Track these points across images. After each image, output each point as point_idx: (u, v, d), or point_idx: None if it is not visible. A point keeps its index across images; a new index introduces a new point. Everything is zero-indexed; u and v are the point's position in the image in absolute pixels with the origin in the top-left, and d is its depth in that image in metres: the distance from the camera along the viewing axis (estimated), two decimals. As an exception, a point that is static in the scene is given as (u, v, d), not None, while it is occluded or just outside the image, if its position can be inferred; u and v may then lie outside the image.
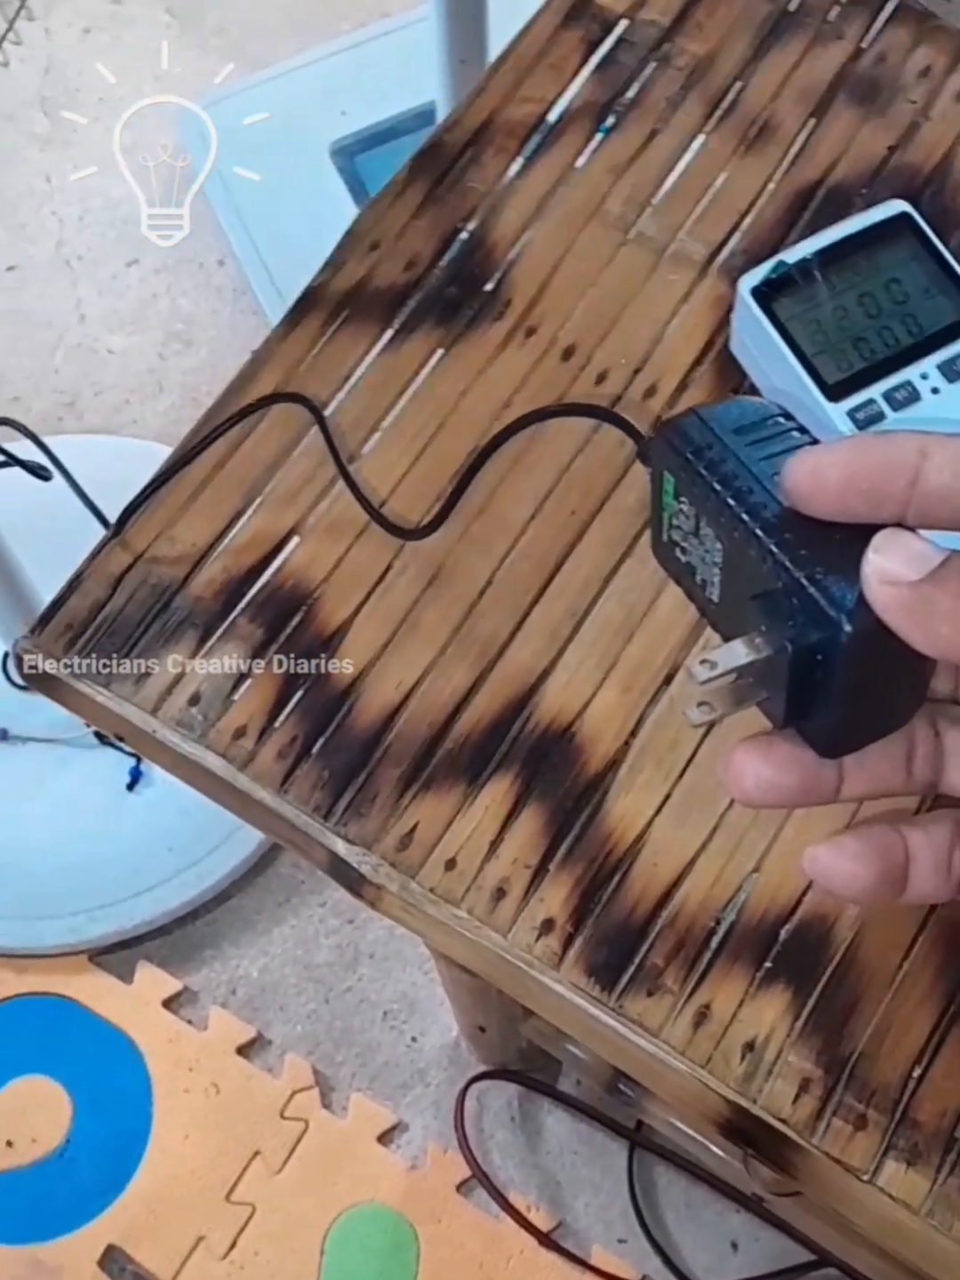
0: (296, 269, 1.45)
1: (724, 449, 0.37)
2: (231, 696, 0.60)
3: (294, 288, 0.68)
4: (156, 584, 0.62)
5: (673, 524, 0.40)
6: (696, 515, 0.38)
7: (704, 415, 0.39)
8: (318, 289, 0.68)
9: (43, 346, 1.55)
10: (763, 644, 0.36)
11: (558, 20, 0.72)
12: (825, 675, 0.35)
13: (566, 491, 0.64)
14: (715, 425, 0.38)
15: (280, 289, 1.46)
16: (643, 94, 0.70)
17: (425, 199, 0.69)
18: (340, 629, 0.62)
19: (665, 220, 0.68)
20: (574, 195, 0.68)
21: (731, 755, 0.38)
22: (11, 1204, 1.19)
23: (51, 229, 1.61)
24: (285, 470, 0.64)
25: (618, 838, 0.58)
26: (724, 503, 0.37)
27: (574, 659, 0.61)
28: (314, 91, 1.58)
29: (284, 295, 1.44)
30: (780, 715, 0.37)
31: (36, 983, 1.27)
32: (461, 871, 0.58)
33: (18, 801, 1.29)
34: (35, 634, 0.60)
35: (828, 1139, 0.55)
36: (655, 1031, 0.55)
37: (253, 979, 1.31)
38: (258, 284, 1.48)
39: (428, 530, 0.62)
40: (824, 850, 0.38)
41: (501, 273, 0.68)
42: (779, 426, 0.38)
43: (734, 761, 0.38)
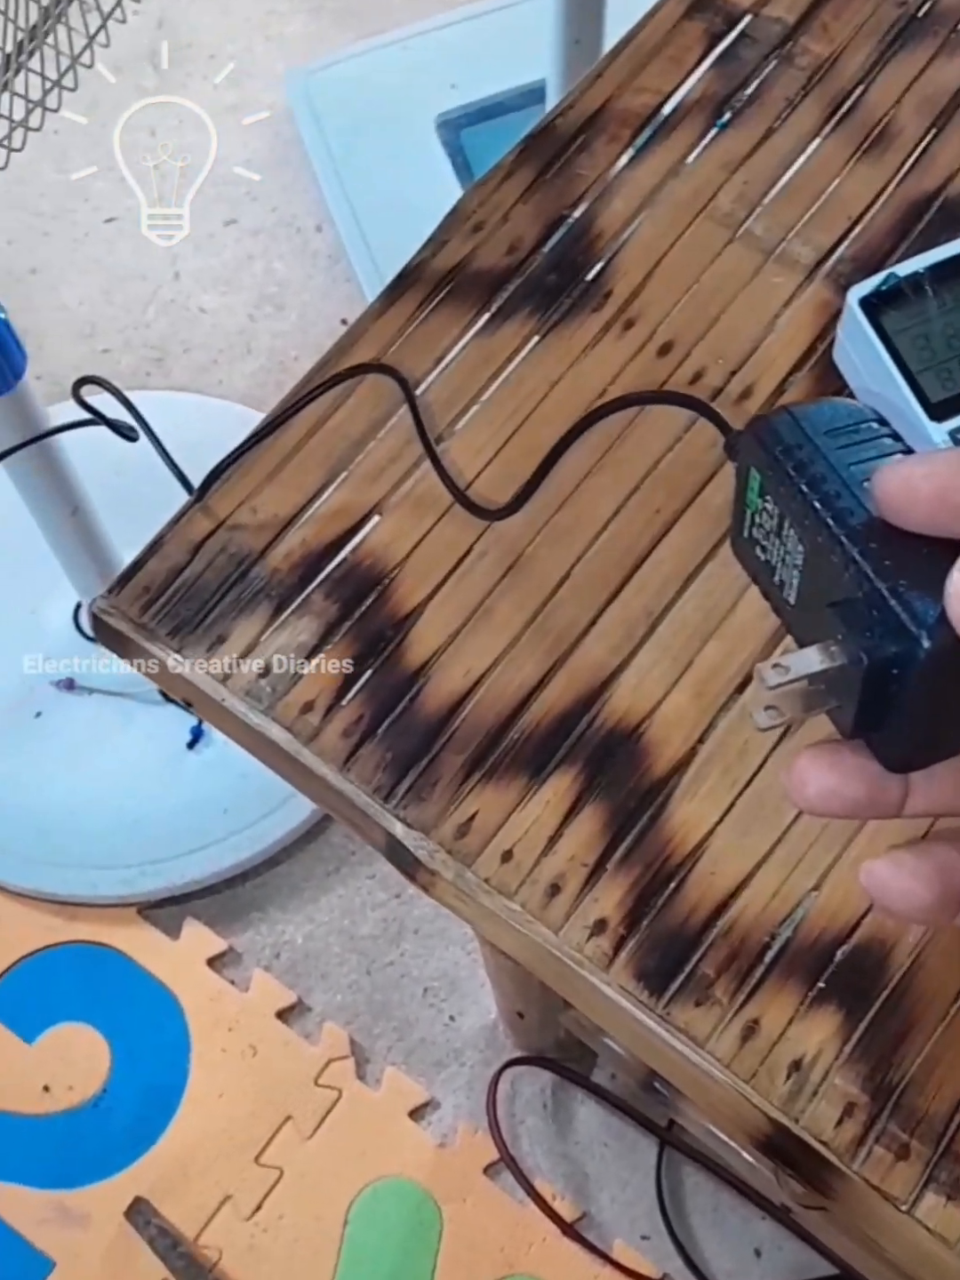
0: (393, 239, 1.45)
1: (814, 450, 0.37)
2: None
3: (390, 258, 0.67)
4: (235, 553, 0.62)
5: (755, 521, 0.39)
6: (780, 515, 0.38)
7: (797, 414, 0.38)
8: (418, 266, 0.67)
9: (136, 300, 1.55)
10: (838, 652, 0.35)
11: (681, 10, 0.71)
12: (899, 689, 0.35)
13: (653, 489, 0.63)
14: (807, 425, 0.38)
15: (376, 258, 1.45)
16: (762, 91, 0.69)
17: (533, 183, 0.68)
18: (414, 611, 0.62)
19: (775, 221, 0.67)
20: (684, 189, 0.67)
21: (796, 761, 0.37)
22: (44, 1149, 1.21)
23: (153, 183, 1.61)
24: (372, 447, 0.64)
25: (678, 843, 0.58)
26: (810, 505, 0.36)
27: (647, 659, 0.61)
28: (425, 62, 1.58)
29: (379, 265, 1.44)
30: (849, 725, 0.36)
31: (85, 931, 1.28)
32: (518, 864, 0.58)
33: (79, 752, 1.30)
34: (113, 594, 0.61)
35: (868, 1165, 0.54)
36: (701, 1042, 0.55)
37: (297, 945, 1.32)
38: (354, 252, 1.48)
39: (509, 510, 0.62)
40: (882, 865, 0.37)
41: (604, 263, 0.67)
42: (873, 432, 0.37)
43: (798, 767, 0.37)
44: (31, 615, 1.33)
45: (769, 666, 0.36)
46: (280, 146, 1.62)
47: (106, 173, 1.61)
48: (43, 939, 1.28)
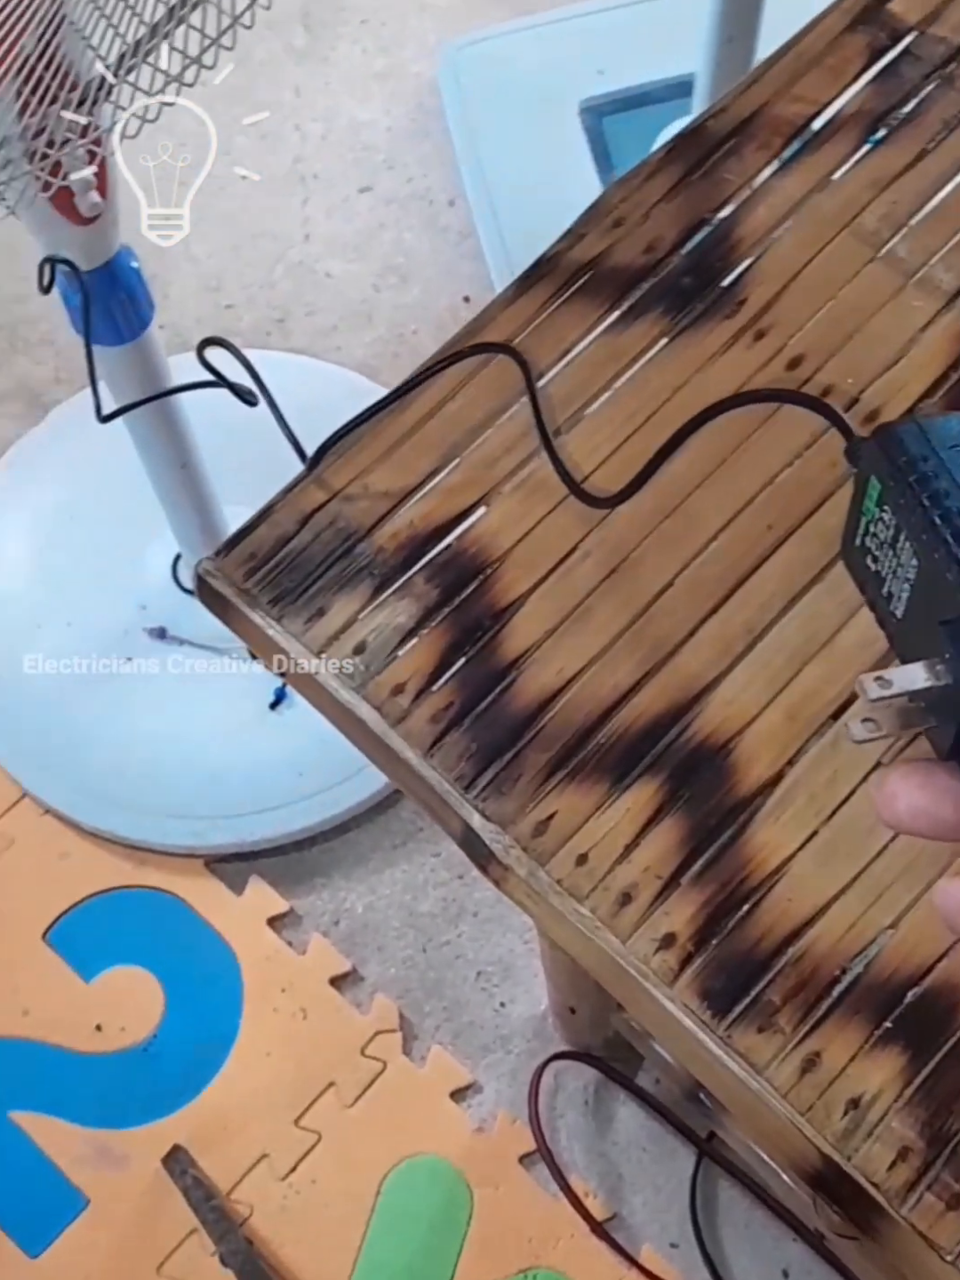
0: (525, 221, 1.45)
1: (940, 464, 0.36)
2: (396, 652, 0.60)
3: (519, 239, 0.67)
4: (343, 528, 0.62)
5: (870, 531, 0.39)
6: (897, 527, 0.37)
7: (925, 426, 0.37)
8: (554, 257, 0.67)
9: (264, 259, 1.56)
10: (943, 671, 0.35)
11: (845, 22, 0.69)
12: None
13: (768, 504, 0.62)
14: (934, 438, 0.37)
15: (505, 239, 1.44)
16: (920, 111, 0.68)
17: (678, 183, 0.67)
18: (514, 604, 0.61)
19: (920, 243, 0.66)
20: (830, 203, 0.66)
21: (887, 776, 0.36)
22: (90, 1087, 1.22)
23: (292, 143, 1.62)
24: (489, 435, 0.64)
25: (755, 865, 0.57)
26: (930, 520, 0.36)
27: (743, 676, 0.60)
28: (574, 46, 1.56)
29: (507, 245, 1.43)
30: (947, 747, 0.36)
31: (152, 877, 1.29)
32: (591, 869, 0.57)
33: (164, 701, 1.31)
34: (220, 556, 0.61)
35: (917, 1212, 0.53)
36: (760, 1069, 0.54)
37: (357, 914, 1.32)
38: (484, 230, 1.47)
39: (619, 499, 0.61)
40: (956, 888, 0.36)
41: (741, 270, 0.66)
42: None
43: (889, 782, 0.36)
44: (132, 562, 1.34)
45: (871, 679, 0.35)
46: (422, 117, 1.61)
47: (248, 128, 1.62)
48: (110, 880, 1.29)
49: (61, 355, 1.51)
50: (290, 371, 1.45)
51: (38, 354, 1.52)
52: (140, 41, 0.62)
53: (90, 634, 1.33)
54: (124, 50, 0.62)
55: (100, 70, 0.62)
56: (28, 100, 0.62)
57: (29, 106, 0.63)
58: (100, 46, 0.62)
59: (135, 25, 0.62)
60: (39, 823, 1.31)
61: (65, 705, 1.31)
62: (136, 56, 0.62)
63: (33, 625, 1.34)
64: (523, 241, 1.42)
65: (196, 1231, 1.17)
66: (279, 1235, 1.19)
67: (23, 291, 1.54)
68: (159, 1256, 1.17)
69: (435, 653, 0.60)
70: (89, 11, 0.61)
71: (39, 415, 1.47)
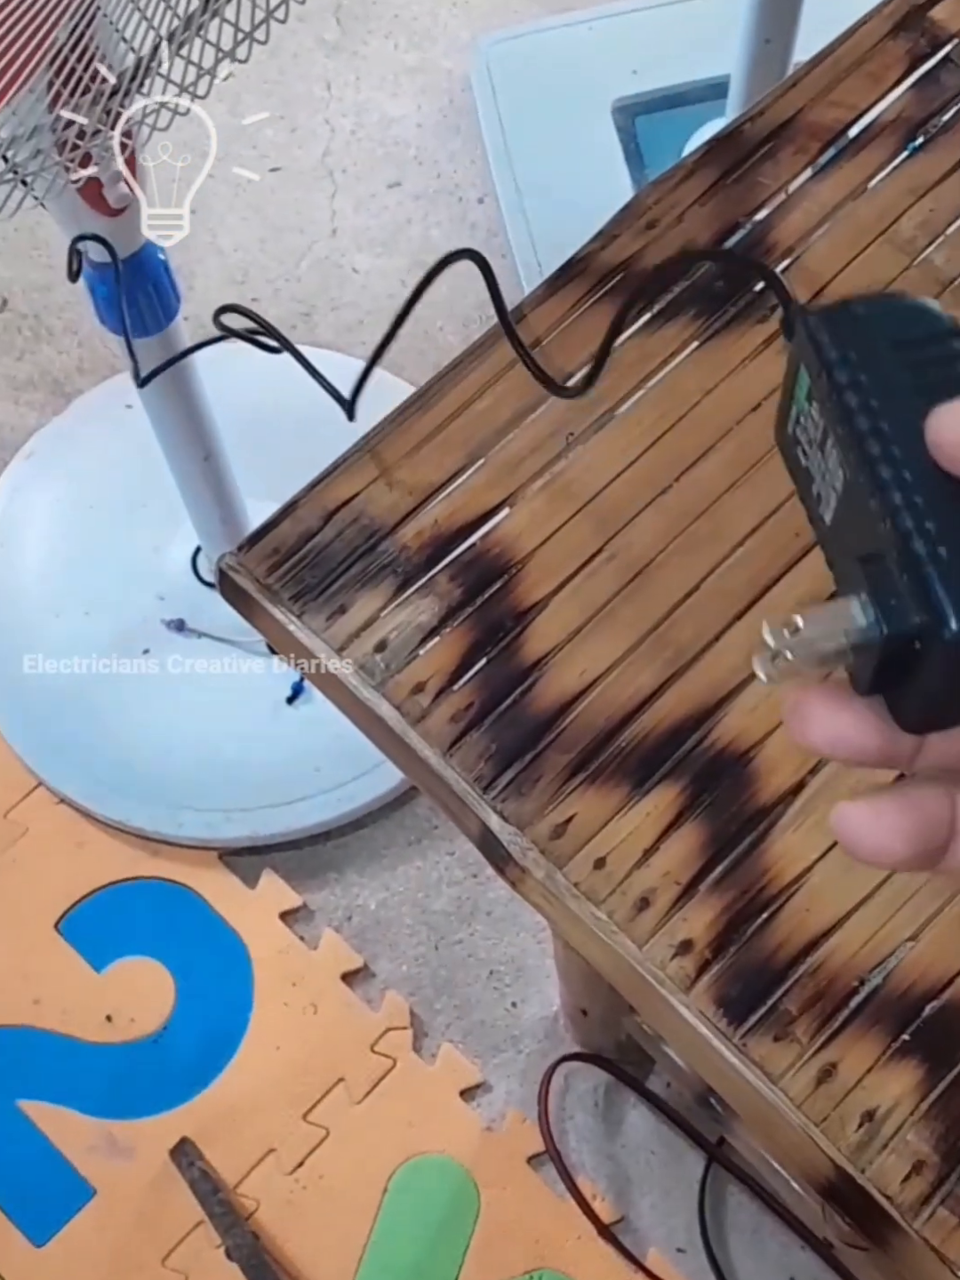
0: (554, 220, 1.44)
1: (876, 365, 0.31)
2: (417, 651, 0.60)
3: (548, 238, 0.67)
4: (367, 525, 0.62)
5: (800, 424, 0.34)
6: (824, 431, 0.32)
7: (862, 313, 0.32)
8: (585, 258, 0.66)
9: (291, 252, 1.56)
10: (858, 614, 0.30)
11: (886, 28, 0.69)
12: (919, 663, 0.30)
13: (794, 511, 0.62)
14: (873, 330, 0.31)
15: (534, 237, 1.44)
16: (958, 119, 0.67)
17: (713, 185, 0.67)
18: (537, 605, 0.61)
19: (957, 252, 0.65)
20: (866, 210, 0.66)
21: (802, 696, 0.32)
22: (99, 1077, 1.22)
23: (322, 137, 1.62)
24: (514, 435, 0.63)
25: (775, 874, 0.57)
26: (856, 435, 0.31)
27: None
28: (608, 44, 1.56)
29: (536, 243, 1.43)
30: (866, 682, 0.32)
31: (166, 869, 1.29)
32: (609, 873, 0.57)
33: (181, 693, 1.31)
34: (242, 551, 0.61)
35: (929, 1226, 0.53)
36: (775, 1078, 0.54)
37: (369, 910, 1.32)
38: (512, 228, 1.47)
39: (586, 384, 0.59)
40: (857, 811, 0.32)
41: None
42: (952, 350, 0.31)
43: (804, 704, 0.32)
44: (154, 553, 1.34)
45: (780, 624, 0.31)
46: (453, 113, 1.61)
47: (277, 121, 1.62)
48: (124, 871, 1.29)
49: (85, 345, 1.51)
50: (316, 364, 1.44)
51: (61, 343, 1.52)
52: (174, 34, 0.62)
53: (108, 624, 1.33)
54: (156, 42, 0.62)
55: (132, 61, 0.62)
56: (59, 91, 0.62)
57: (60, 97, 0.63)
58: (133, 39, 0.62)
59: (169, 18, 0.62)
60: (53, 812, 1.31)
61: (82, 694, 1.31)
62: (170, 48, 0.61)
63: (50, 614, 1.34)
64: (551, 240, 1.42)
65: (203, 1224, 1.17)
66: (285, 1229, 1.19)
67: (48, 280, 1.54)
68: (165, 1248, 1.17)
69: (457, 652, 0.60)
70: (122, 3, 0.61)
71: (61, 404, 1.47)
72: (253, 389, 1.17)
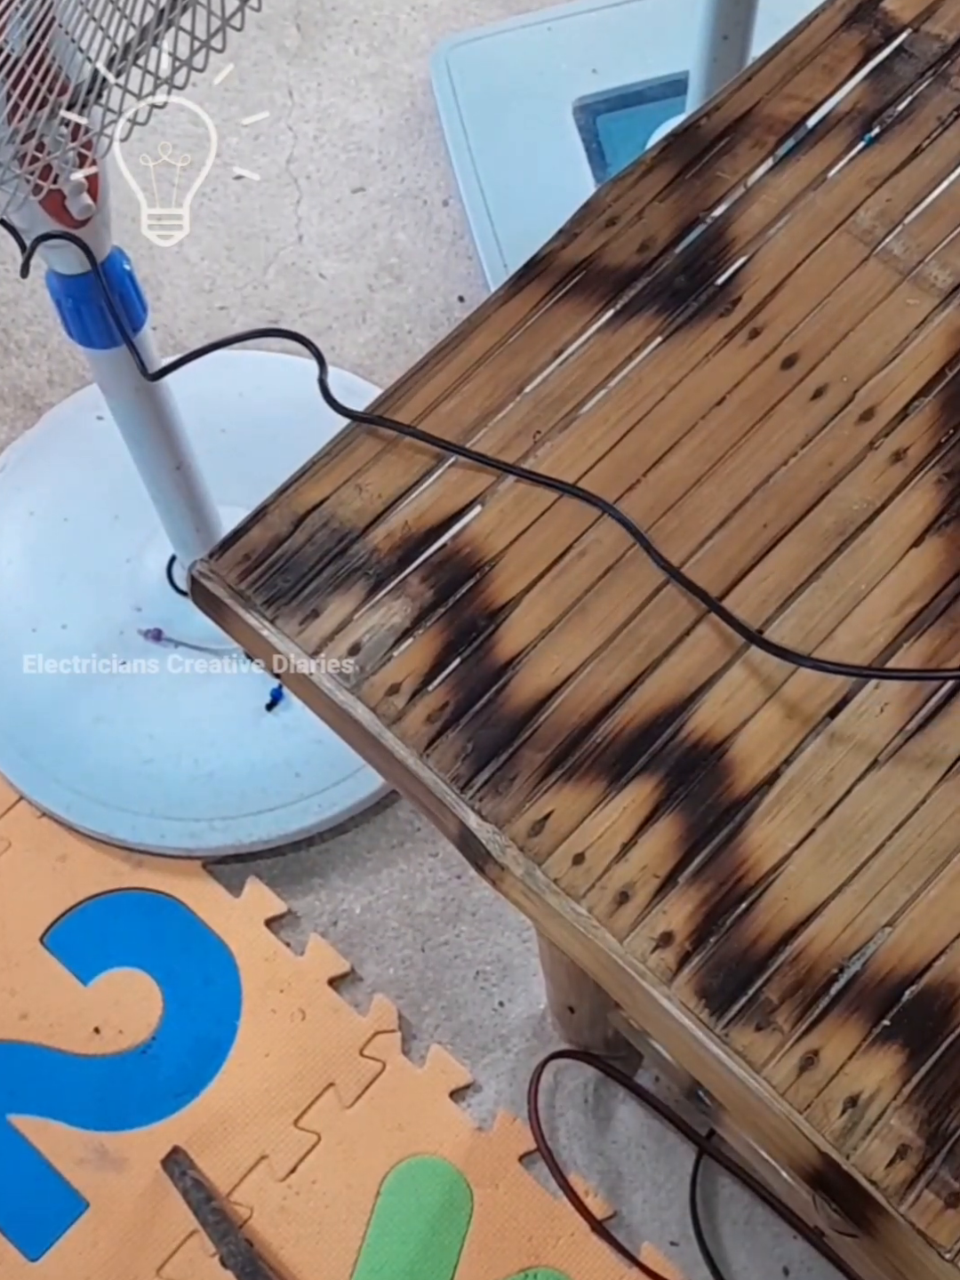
0: (520, 220, 1.44)
1: None
2: (391, 653, 0.60)
3: (514, 239, 0.67)
4: (337, 529, 0.62)
5: None
6: None
7: None
8: (547, 256, 0.66)
9: (257, 260, 1.56)
10: None
11: (839, 20, 0.69)
12: None
13: (764, 503, 0.62)
14: None
15: (499, 238, 1.44)
16: (914, 108, 0.68)
17: (671, 181, 0.67)
18: (509, 603, 0.61)
19: (915, 242, 0.66)
20: (825, 201, 0.66)
21: None
22: (89, 1089, 1.22)
23: (285, 144, 1.62)
24: (482, 435, 0.64)
25: (752, 864, 0.57)
26: None
27: (739, 675, 0.60)
28: (567, 45, 1.56)
29: (502, 244, 1.43)
30: None
31: (149, 880, 1.29)
32: (588, 868, 0.57)
33: (159, 703, 1.31)
34: (214, 558, 0.61)
35: (915, 1209, 0.53)
36: (758, 1067, 0.54)
37: (355, 915, 1.32)
38: (478, 230, 1.47)
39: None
40: None
41: (736, 269, 0.66)
42: None
43: None
44: (127, 564, 1.34)
45: None
46: (415, 117, 1.61)
47: (240, 129, 1.62)
48: (108, 883, 1.29)
49: (54, 357, 1.51)
50: (284, 370, 1.44)
51: (30, 356, 1.52)
52: (130, 44, 0.62)
53: (86, 636, 1.33)
54: (113, 53, 0.62)
55: (89, 73, 0.62)
56: (16, 103, 0.62)
57: (18, 110, 0.62)
58: (89, 49, 0.62)
59: (125, 28, 0.62)
60: (36, 826, 1.31)
61: (61, 708, 1.30)
62: (126, 59, 0.61)
63: (27, 628, 1.34)
64: (517, 240, 1.42)
65: (196, 1233, 1.17)
66: (279, 1236, 1.19)
67: (15, 294, 1.54)
68: (159, 1258, 1.17)
69: (430, 653, 0.60)
70: (78, 14, 0.61)
71: (32, 418, 1.47)
72: (223, 397, 1.17)
